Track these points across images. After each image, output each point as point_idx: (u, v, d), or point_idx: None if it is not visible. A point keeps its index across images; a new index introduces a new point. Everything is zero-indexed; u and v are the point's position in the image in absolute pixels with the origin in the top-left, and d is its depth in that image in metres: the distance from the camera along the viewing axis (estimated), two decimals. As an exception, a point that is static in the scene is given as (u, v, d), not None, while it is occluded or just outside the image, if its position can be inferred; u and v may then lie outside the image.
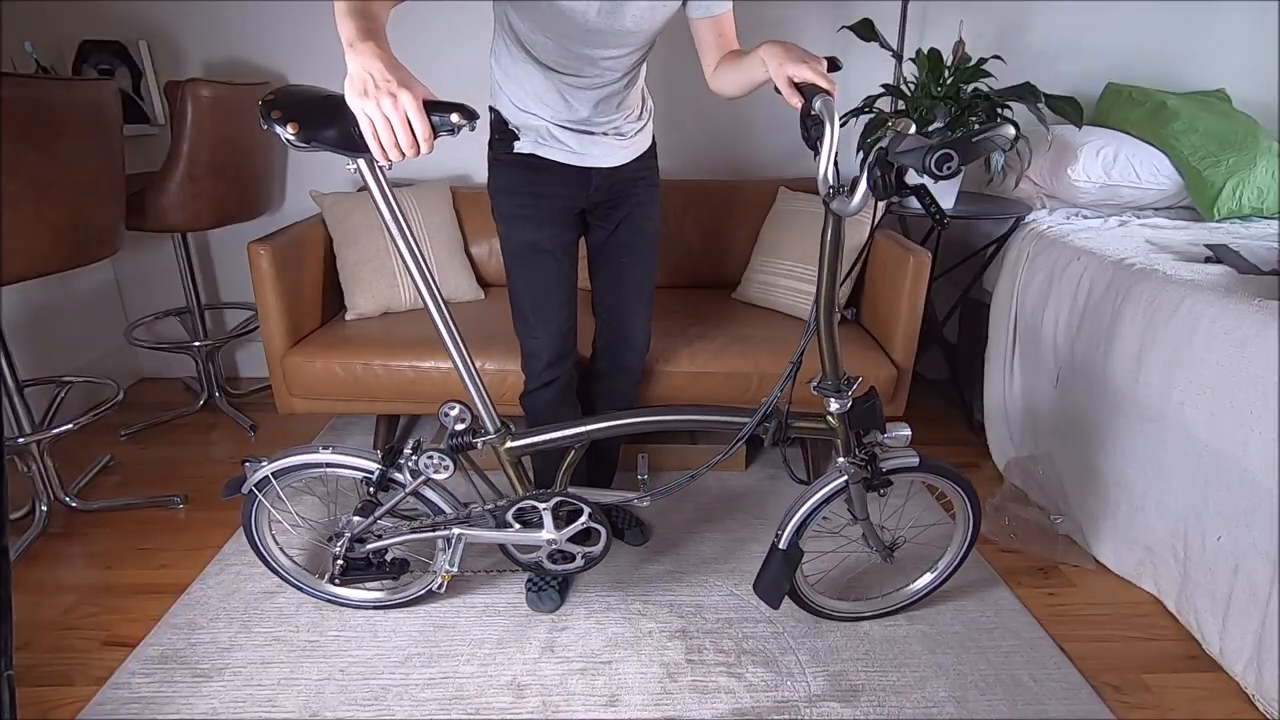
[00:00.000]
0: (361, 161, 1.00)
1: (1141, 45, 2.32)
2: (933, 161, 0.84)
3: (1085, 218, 2.07)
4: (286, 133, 0.92)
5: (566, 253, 1.41)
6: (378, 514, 1.32)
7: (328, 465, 1.31)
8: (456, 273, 2.10)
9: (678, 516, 1.83)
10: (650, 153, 1.45)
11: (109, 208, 1.62)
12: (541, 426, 1.29)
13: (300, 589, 1.49)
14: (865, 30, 1.91)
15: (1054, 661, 1.38)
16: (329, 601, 1.50)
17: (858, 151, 1.99)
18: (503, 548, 1.38)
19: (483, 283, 2.22)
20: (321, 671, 1.34)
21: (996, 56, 1.94)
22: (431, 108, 0.87)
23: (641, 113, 1.39)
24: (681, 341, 1.83)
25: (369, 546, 1.36)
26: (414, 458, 1.26)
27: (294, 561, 1.48)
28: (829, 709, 1.28)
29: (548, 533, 1.33)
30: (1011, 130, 0.89)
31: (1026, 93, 1.80)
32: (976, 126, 1.88)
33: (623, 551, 1.69)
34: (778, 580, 1.34)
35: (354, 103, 0.86)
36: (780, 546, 1.32)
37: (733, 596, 1.55)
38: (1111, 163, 2.06)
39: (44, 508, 1.75)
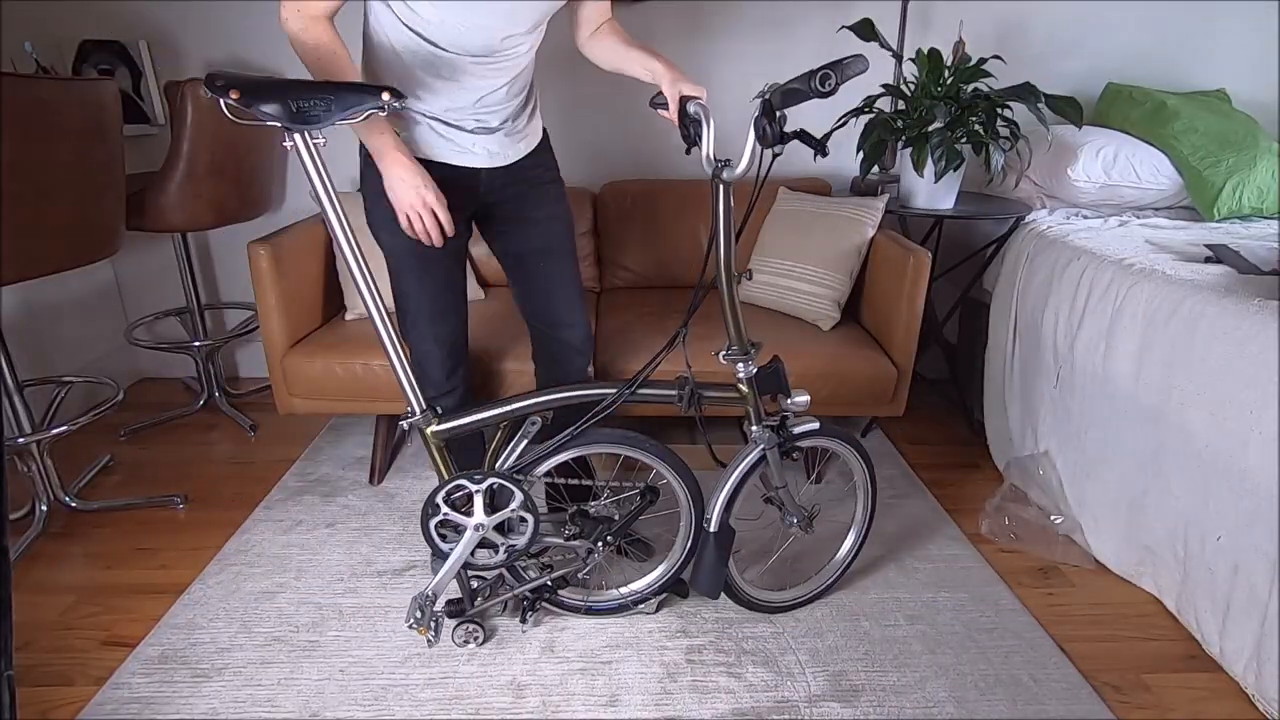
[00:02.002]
0: (298, 136, 1.04)
1: (1141, 45, 2.32)
2: (817, 80, 0.93)
3: (1085, 218, 2.07)
4: (230, 98, 0.96)
5: (456, 257, 1.34)
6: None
7: None
8: (456, 273, 2.10)
9: (676, 518, 1.82)
10: (544, 145, 1.36)
11: (109, 208, 1.62)
12: (465, 409, 1.24)
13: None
14: (865, 30, 1.91)
15: (1054, 661, 1.38)
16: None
17: (858, 151, 1.99)
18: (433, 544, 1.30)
19: (483, 283, 2.22)
20: (321, 671, 1.34)
21: (996, 56, 1.94)
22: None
23: (530, 97, 1.28)
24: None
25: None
26: None
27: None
28: (829, 709, 1.28)
29: (477, 517, 1.26)
30: (866, 62, 0.97)
31: (1026, 93, 1.80)
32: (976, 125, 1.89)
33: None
34: (715, 566, 1.31)
35: (400, 204, 1.16)
36: (711, 530, 1.31)
37: (733, 596, 1.55)
38: (1111, 163, 2.06)
39: (44, 508, 1.75)
